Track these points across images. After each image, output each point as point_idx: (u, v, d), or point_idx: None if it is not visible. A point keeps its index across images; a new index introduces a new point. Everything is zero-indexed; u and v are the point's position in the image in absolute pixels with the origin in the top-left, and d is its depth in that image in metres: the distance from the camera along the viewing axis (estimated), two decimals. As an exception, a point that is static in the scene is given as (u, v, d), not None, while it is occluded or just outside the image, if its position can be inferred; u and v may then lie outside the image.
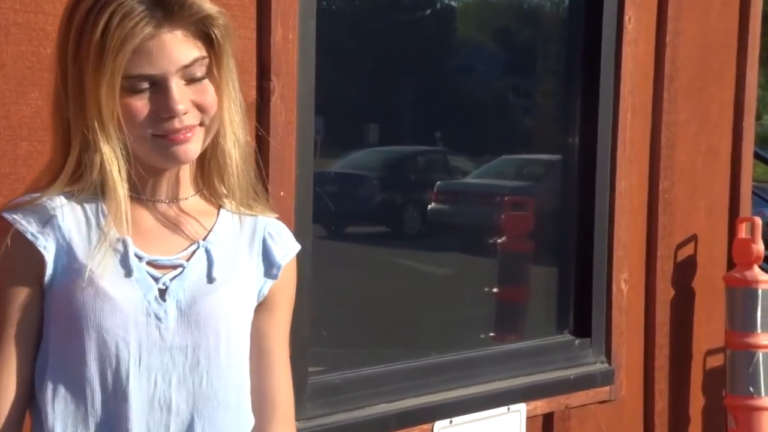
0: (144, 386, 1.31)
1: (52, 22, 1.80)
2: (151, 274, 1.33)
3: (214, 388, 1.34)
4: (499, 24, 3.64)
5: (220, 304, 1.35)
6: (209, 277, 1.36)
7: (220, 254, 1.38)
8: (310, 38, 2.28)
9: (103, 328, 1.30)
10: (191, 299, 1.34)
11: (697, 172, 3.32)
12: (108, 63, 1.27)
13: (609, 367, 3.06)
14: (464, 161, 3.61)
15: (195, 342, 1.33)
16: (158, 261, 1.34)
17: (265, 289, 1.41)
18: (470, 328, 3.11)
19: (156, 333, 1.32)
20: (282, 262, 1.42)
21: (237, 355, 1.36)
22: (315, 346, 2.40)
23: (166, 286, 1.33)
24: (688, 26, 3.18)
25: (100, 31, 1.26)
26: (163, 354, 1.32)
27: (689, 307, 3.35)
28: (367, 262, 3.07)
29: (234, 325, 1.36)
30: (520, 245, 3.35)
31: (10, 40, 1.76)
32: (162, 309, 1.32)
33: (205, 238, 1.38)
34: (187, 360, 1.33)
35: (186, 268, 1.35)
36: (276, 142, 2.19)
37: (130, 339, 1.30)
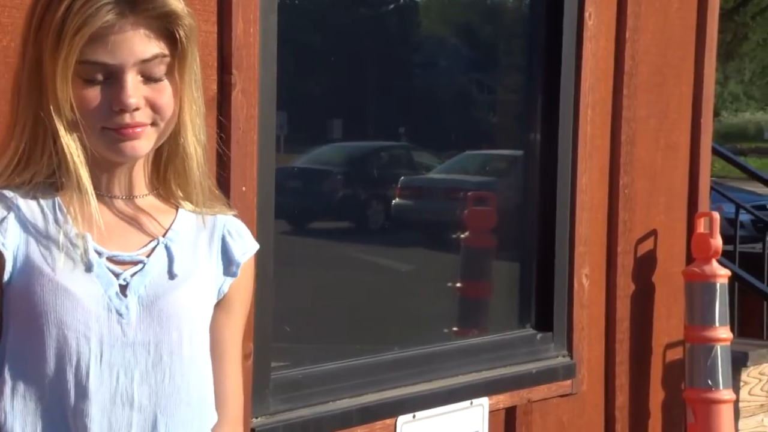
0: (106, 382, 1.30)
1: (8, 14, 1.78)
2: (112, 270, 1.33)
3: (177, 384, 1.33)
4: (462, 19, 3.64)
5: (182, 301, 1.35)
6: (170, 273, 1.35)
7: (180, 251, 1.37)
8: (271, 32, 2.27)
9: (63, 323, 1.28)
10: (153, 295, 1.33)
11: (656, 168, 3.35)
12: (65, 44, 1.25)
13: (570, 361, 3.09)
14: (428, 156, 3.62)
15: (158, 338, 1.32)
16: (118, 257, 1.33)
17: (225, 287, 1.41)
18: (433, 323, 3.12)
19: (118, 329, 1.31)
20: (241, 260, 1.42)
21: (199, 351, 1.36)
22: (277, 341, 2.40)
23: (126, 282, 1.32)
24: (648, 23, 3.21)
25: (62, 12, 1.25)
26: (125, 350, 1.31)
27: (649, 302, 3.38)
28: (330, 258, 3.07)
29: (196, 322, 1.36)
30: (483, 240, 3.36)
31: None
32: (123, 305, 1.32)
33: (164, 235, 1.37)
34: (150, 356, 1.32)
35: (147, 264, 1.34)
36: (237, 137, 2.18)
37: (91, 335, 1.29)
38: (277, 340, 2.40)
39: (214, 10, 2.12)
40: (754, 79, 28.20)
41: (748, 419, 4.00)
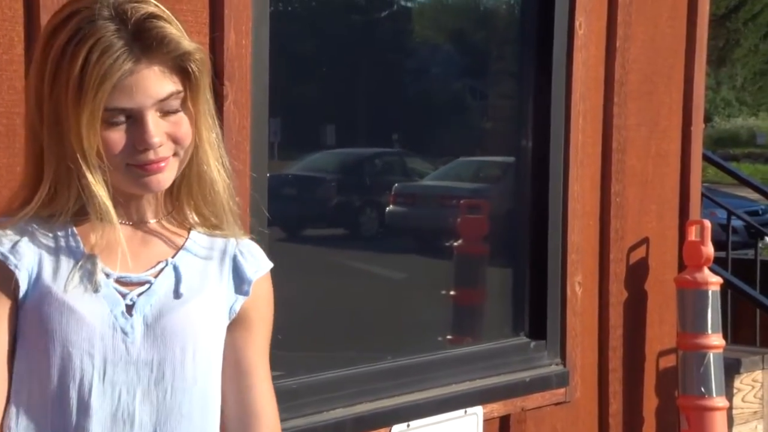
0: (107, 400, 1.32)
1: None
2: (119, 291, 1.35)
3: (178, 401, 1.35)
4: (454, 26, 3.66)
5: (186, 319, 1.36)
6: (176, 292, 1.37)
7: (189, 272, 1.39)
8: (263, 43, 2.28)
9: (68, 341, 1.31)
10: (158, 314, 1.35)
11: (647, 176, 3.36)
12: (88, 99, 1.28)
13: (564, 369, 3.09)
14: (421, 163, 3.63)
15: (161, 356, 1.34)
16: (126, 278, 1.36)
17: (236, 306, 1.42)
18: (426, 332, 3.13)
19: (122, 347, 1.33)
20: (253, 278, 1.43)
21: (203, 369, 1.37)
22: (271, 349, 2.40)
23: (133, 301, 1.34)
24: (638, 32, 3.23)
25: (78, 67, 1.28)
26: (128, 368, 1.33)
27: (641, 309, 3.39)
28: (324, 266, 3.08)
29: (201, 340, 1.37)
30: (476, 248, 3.37)
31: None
32: (128, 323, 1.33)
33: (173, 256, 1.39)
34: (153, 374, 1.34)
35: (153, 284, 1.36)
36: (230, 148, 2.18)
37: (94, 352, 1.31)
38: (271, 349, 2.40)
39: (206, 22, 2.13)
40: (746, 85, 28.31)
41: (742, 426, 4.00)
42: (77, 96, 1.28)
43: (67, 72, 1.28)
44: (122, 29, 1.29)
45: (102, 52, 1.28)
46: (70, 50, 1.28)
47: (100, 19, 1.29)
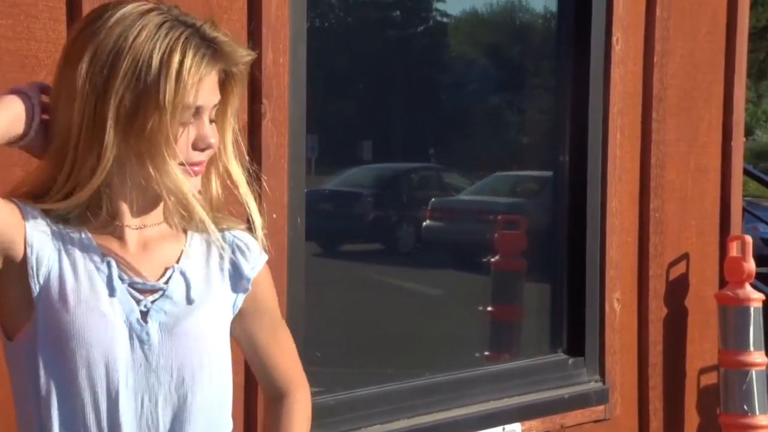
0: (132, 407, 1.35)
1: (44, 49, 1.82)
2: (133, 296, 1.37)
3: (198, 404, 1.39)
4: (490, 41, 3.66)
5: (200, 325, 1.40)
6: (188, 298, 1.40)
7: (195, 276, 1.43)
8: (300, 61, 2.30)
9: (92, 345, 1.33)
10: (173, 321, 1.38)
11: (687, 191, 3.34)
12: (182, 97, 1.32)
13: (603, 386, 3.07)
14: (458, 178, 3.63)
15: (179, 362, 1.37)
16: (139, 284, 1.38)
17: (238, 302, 1.47)
18: (464, 348, 3.12)
19: (140, 353, 1.36)
20: (251, 275, 1.47)
21: (217, 369, 1.42)
22: (308, 365, 2.41)
23: (147, 308, 1.37)
24: (676, 47, 3.21)
25: (175, 70, 1.31)
26: (149, 374, 1.36)
27: (682, 326, 3.36)
28: (361, 281, 3.09)
29: (214, 343, 1.41)
30: (513, 264, 3.37)
31: (3, 68, 1.78)
32: (144, 331, 1.36)
33: (178, 261, 1.42)
34: (173, 379, 1.37)
35: (166, 291, 1.39)
36: (268, 165, 2.20)
37: (117, 357, 1.34)
38: (308, 365, 2.42)
39: (245, 41, 2.15)
40: (788, 98, 27.93)
41: (785, 444, 3.94)
42: (173, 92, 1.31)
43: (157, 70, 1.31)
44: (195, 33, 1.33)
45: (194, 52, 1.32)
46: (158, 49, 1.31)
47: (176, 21, 1.34)
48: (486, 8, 3.63)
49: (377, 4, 3.36)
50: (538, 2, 3.49)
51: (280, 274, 2.23)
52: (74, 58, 1.33)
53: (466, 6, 3.56)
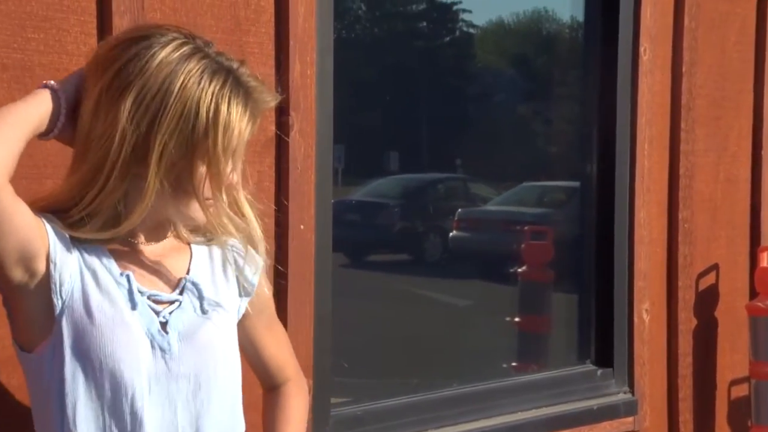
0: (154, 414, 1.40)
1: (75, 62, 1.85)
2: (152, 308, 1.44)
3: (213, 407, 1.45)
4: (517, 51, 3.67)
5: (214, 332, 1.47)
6: (202, 308, 1.47)
7: (204, 284, 1.50)
8: (327, 73, 2.31)
9: (118, 357, 1.38)
10: (191, 330, 1.45)
11: (716, 202, 3.32)
12: (224, 149, 1.40)
13: (632, 398, 3.06)
14: (485, 188, 3.63)
15: (197, 369, 1.44)
16: (157, 296, 1.45)
17: (243, 306, 1.56)
18: (491, 359, 3.12)
19: (162, 363, 1.41)
20: (254, 280, 1.56)
21: (231, 373, 1.49)
22: (336, 376, 2.42)
23: (166, 319, 1.44)
24: (704, 56, 3.19)
25: (222, 124, 1.39)
26: (170, 383, 1.42)
27: (712, 337, 3.34)
28: (387, 292, 3.10)
29: (225, 348, 1.49)
30: (540, 274, 3.36)
31: (36, 81, 1.80)
32: (165, 341, 1.42)
33: (188, 272, 1.49)
34: (190, 386, 1.43)
35: (182, 302, 1.46)
36: (295, 176, 2.22)
37: (141, 368, 1.39)
38: (336, 375, 2.43)
39: (272, 54, 2.17)
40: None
41: (818, 457, 3.89)
42: (222, 143, 1.39)
43: (205, 121, 1.38)
44: (235, 81, 1.42)
45: (237, 105, 1.40)
46: (204, 99, 1.38)
47: (216, 65, 1.42)
48: (513, 18, 3.63)
49: (404, 15, 3.38)
50: (564, 12, 3.49)
51: (306, 284, 2.24)
52: (116, 92, 1.38)
53: (492, 16, 3.57)
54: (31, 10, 1.80)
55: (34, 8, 1.80)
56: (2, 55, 1.77)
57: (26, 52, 1.80)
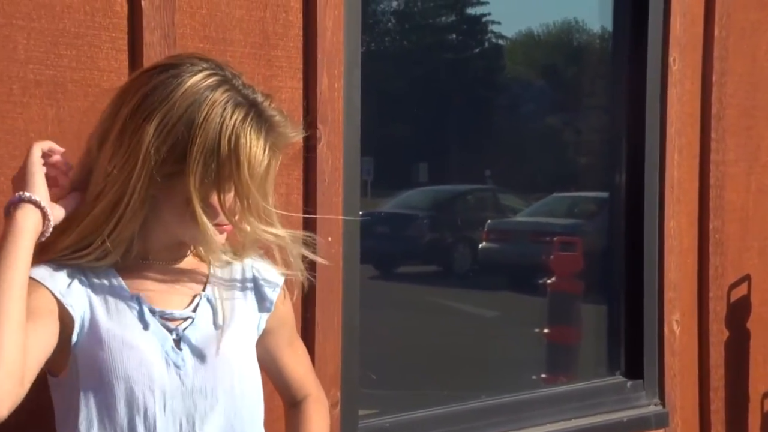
0: (171, 429, 1.42)
1: (107, 78, 1.88)
2: (165, 326, 1.46)
3: (231, 422, 1.47)
4: (546, 62, 3.67)
5: (229, 347, 1.48)
6: (215, 323, 1.49)
7: (220, 301, 1.52)
8: (355, 86, 2.33)
9: (131, 378, 1.41)
10: (204, 346, 1.47)
11: (748, 212, 3.29)
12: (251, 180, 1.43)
13: (663, 410, 3.04)
14: (514, 199, 3.63)
15: (213, 384, 1.45)
16: (169, 314, 1.47)
17: (262, 323, 1.57)
18: (520, 370, 3.11)
19: (177, 379, 1.44)
20: (273, 297, 1.58)
21: (248, 387, 1.50)
22: (365, 388, 2.43)
23: (179, 335, 1.46)
24: (735, 65, 3.18)
25: (259, 147, 1.42)
26: (185, 398, 1.44)
27: (744, 349, 3.31)
28: (416, 303, 3.10)
29: (242, 363, 1.50)
30: (570, 285, 3.35)
31: (68, 97, 1.84)
32: (179, 357, 1.45)
33: (204, 289, 1.52)
34: (207, 401, 1.45)
35: (195, 318, 1.48)
36: (323, 189, 2.23)
37: (154, 387, 1.41)
38: (364, 387, 2.43)
39: (300, 67, 2.19)
40: None
41: None
42: (247, 174, 1.42)
43: (227, 154, 1.40)
44: (258, 114, 1.44)
45: (258, 139, 1.43)
46: (232, 117, 1.41)
47: (239, 98, 1.44)
48: (542, 29, 3.63)
49: (433, 27, 3.39)
50: (594, 22, 3.49)
51: (334, 296, 2.25)
52: (141, 116, 1.41)
53: (522, 27, 3.57)
54: (63, 27, 1.83)
55: (67, 25, 1.83)
56: (35, 71, 1.80)
57: (59, 69, 1.83)
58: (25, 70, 1.79)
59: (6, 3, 1.76)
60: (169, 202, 1.44)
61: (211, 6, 2.03)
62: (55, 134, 1.81)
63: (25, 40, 1.79)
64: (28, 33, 1.79)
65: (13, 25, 1.77)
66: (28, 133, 1.79)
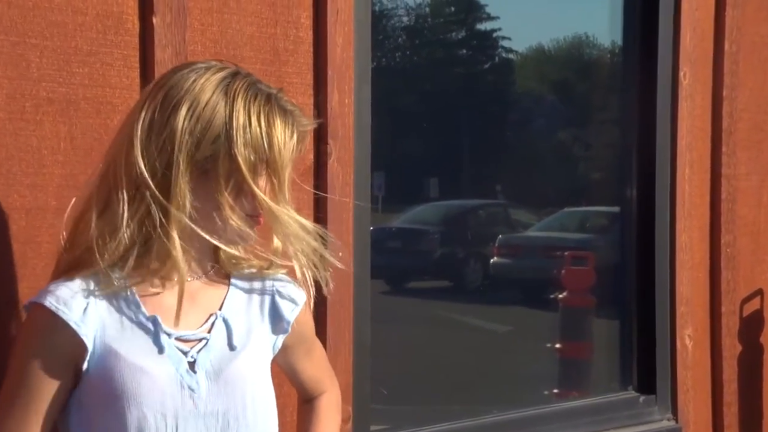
0: None
1: (119, 95, 1.89)
2: (180, 348, 1.44)
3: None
4: (557, 77, 3.67)
5: (242, 369, 1.46)
6: (230, 345, 1.47)
7: (236, 321, 1.49)
8: (365, 101, 2.33)
9: (142, 404, 1.39)
10: (218, 368, 1.45)
11: (760, 226, 3.28)
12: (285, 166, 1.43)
13: (676, 425, 3.02)
14: (525, 214, 3.62)
15: (225, 407, 1.44)
16: (184, 336, 1.45)
17: (278, 343, 1.55)
18: (532, 385, 3.10)
19: (190, 402, 1.42)
20: (291, 318, 1.56)
21: (261, 410, 1.48)
22: (375, 403, 2.43)
23: (194, 358, 1.44)
24: (746, 80, 3.17)
25: (288, 129, 1.43)
26: (197, 421, 1.42)
27: (758, 363, 3.29)
28: (428, 318, 3.10)
29: (256, 386, 1.48)
30: (581, 300, 3.34)
31: (81, 114, 1.85)
32: (194, 380, 1.43)
33: (220, 308, 1.49)
34: (219, 423, 1.43)
35: (209, 339, 1.46)
36: (334, 204, 2.24)
37: (167, 411, 1.40)
38: (376, 402, 2.43)
39: (311, 83, 2.20)
40: None
41: None
42: (280, 156, 1.42)
43: (260, 135, 1.41)
44: (276, 102, 1.45)
45: (282, 118, 1.44)
46: (256, 103, 1.42)
47: (261, 85, 1.46)
48: (552, 44, 3.64)
49: (443, 42, 3.40)
50: (604, 37, 3.50)
51: (345, 311, 2.25)
52: (169, 106, 1.42)
53: (532, 42, 3.58)
54: (76, 45, 1.84)
55: (79, 43, 1.85)
56: (48, 89, 1.82)
57: (71, 86, 1.84)
58: (38, 88, 1.80)
59: (19, 22, 1.77)
60: (205, 191, 1.41)
61: (222, 23, 2.04)
62: (67, 151, 1.83)
63: (38, 59, 1.80)
64: (41, 51, 1.80)
65: (27, 44, 1.79)
66: (41, 150, 1.80)
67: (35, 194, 1.79)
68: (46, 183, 1.80)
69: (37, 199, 1.79)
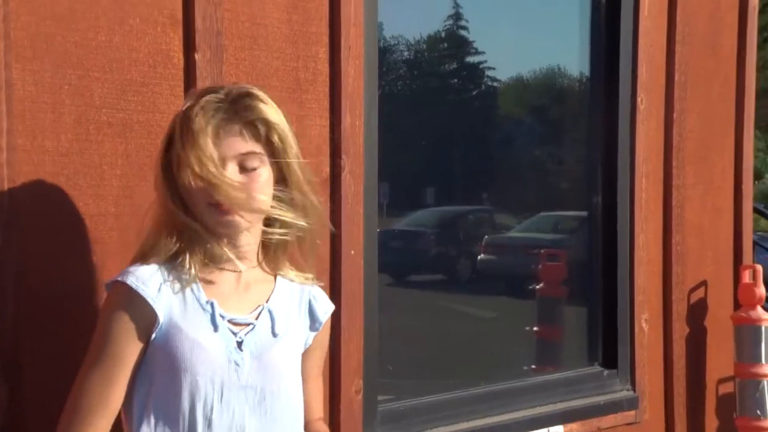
0: (225, 416, 1.42)
1: (166, 119, 1.89)
2: (231, 330, 1.46)
3: (275, 415, 1.47)
4: (534, 102, 3.67)
5: (280, 354, 1.49)
6: (273, 332, 1.49)
7: (279, 313, 1.51)
8: (373, 123, 2.34)
9: (196, 371, 1.41)
10: (261, 350, 1.47)
11: (704, 228, 3.28)
12: (202, 143, 1.42)
13: (634, 395, 3.01)
14: (507, 218, 3.62)
15: (263, 383, 1.46)
16: (235, 319, 1.47)
17: (309, 340, 1.57)
18: (514, 362, 3.10)
19: (235, 375, 1.44)
20: (323, 319, 1.58)
21: (292, 391, 1.50)
22: (383, 377, 2.42)
23: (242, 339, 1.46)
24: (693, 104, 3.17)
25: (201, 122, 1.42)
26: (239, 391, 1.44)
27: (702, 343, 3.29)
28: (426, 306, 3.09)
29: (290, 370, 1.50)
30: (555, 291, 3.34)
31: (134, 135, 1.86)
32: (240, 357, 1.45)
33: (267, 300, 1.51)
34: (256, 396, 1.45)
35: (256, 325, 1.48)
36: (347, 210, 2.24)
37: (215, 379, 1.42)
38: (383, 377, 2.43)
39: (327, 108, 2.20)
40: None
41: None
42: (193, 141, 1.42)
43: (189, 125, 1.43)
44: (225, 100, 1.45)
45: (204, 111, 1.43)
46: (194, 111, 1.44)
47: (216, 94, 1.46)
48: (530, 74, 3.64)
49: (438, 73, 3.40)
50: (574, 69, 3.49)
51: (357, 301, 2.25)
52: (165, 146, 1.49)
53: (513, 73, 3.58)
54: (131, 77, 1.85)
55: (134, 76, 1.85)
56: (108, 114, 1.82)
57: (127, 112, 1.85)
58: (99, 114, 1.81)
59: (84, 58, 1.78)
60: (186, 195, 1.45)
61: (253, 59, 2.04)
62: (123, 166, 1.83)
63: (100, 89, 1.81)
64: (102, 83, 1.81)
65: (90, 77, 1.79)
66: (102, 165, 1.81)
67: (97, 203, 1.79)
68: (106, 193, 1.81)
69: (99, 206, 1.79)
